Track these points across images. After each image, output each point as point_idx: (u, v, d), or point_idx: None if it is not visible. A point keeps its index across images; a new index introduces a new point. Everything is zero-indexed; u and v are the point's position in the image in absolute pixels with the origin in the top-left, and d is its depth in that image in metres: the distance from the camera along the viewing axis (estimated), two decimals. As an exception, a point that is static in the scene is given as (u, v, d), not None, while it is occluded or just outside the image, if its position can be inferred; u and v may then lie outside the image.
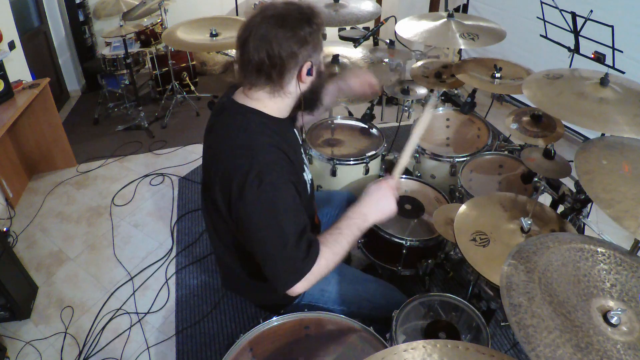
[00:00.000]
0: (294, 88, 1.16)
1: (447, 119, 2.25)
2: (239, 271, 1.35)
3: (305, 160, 1.37)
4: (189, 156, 3.13)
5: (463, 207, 1.41)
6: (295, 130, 1.38)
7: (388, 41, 2.55)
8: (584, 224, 1.63)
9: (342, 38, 3.56)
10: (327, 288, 1.41)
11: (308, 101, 1.22)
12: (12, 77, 2.47)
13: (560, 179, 1.63)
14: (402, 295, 1.52)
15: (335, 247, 1.15)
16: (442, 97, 2.42)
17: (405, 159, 1.30)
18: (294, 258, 1.09)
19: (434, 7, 4.43)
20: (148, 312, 2.00)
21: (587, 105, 1.36)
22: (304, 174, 1.28)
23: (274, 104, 1.17)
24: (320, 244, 1.13)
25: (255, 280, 1.32)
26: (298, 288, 1.11)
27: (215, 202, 1.17)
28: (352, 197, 1.83)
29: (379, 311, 1.41)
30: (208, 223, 1.33)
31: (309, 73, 1.13)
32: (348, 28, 3.64)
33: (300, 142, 1.40)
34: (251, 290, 1.45)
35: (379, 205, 1.21)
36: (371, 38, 2.58)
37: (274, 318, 1.24)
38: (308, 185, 1.30)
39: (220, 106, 1.23)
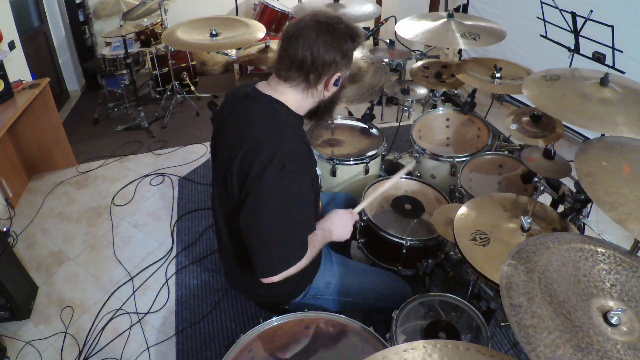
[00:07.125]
0: (320, 93, 1.22)
1: (447, 119, 2.25)
2: (243, 265, 1.35)
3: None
4: (189, 156, 3.13)
5: (463, 209, 1.41)
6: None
7: (388, 41, 2.55)
8: (584, 224, 1.63)
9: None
10: (332, 280, 1.43)
11: (323, 109, 1.28)
12: (12, 77, 2.47)
13: (560, 179, 1.63)
14: (406, 285, 1.55)
15: (312, 249, 1.23)
16: (442, 97, 2.42)
17: (368, 201, 1.54)
18: (290, 247, 1.15)
19: (434, 7, 4.43)
20: (148, 312, 2.00)
21: (590, 107, 1.35)
22: (317, 167, 1.34)
23: (296, 100, 1.21)
24: None
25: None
26: (276, 278, 1.16)
27: (229, 184, 1.18)
28: (351, 198, 1.83)
29: (384, 302, 1.44)
30: (218, 213, 1.32)
31: (336, 84, 1.21)
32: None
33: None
34: (254, 286, 1.45)
35: (342, 228, 1.36)
36: (371, 38, 2.58)
37: (274, 318, 1.25)
38: (319, 179, 1.37)
39: (244, 94, 1.25)
